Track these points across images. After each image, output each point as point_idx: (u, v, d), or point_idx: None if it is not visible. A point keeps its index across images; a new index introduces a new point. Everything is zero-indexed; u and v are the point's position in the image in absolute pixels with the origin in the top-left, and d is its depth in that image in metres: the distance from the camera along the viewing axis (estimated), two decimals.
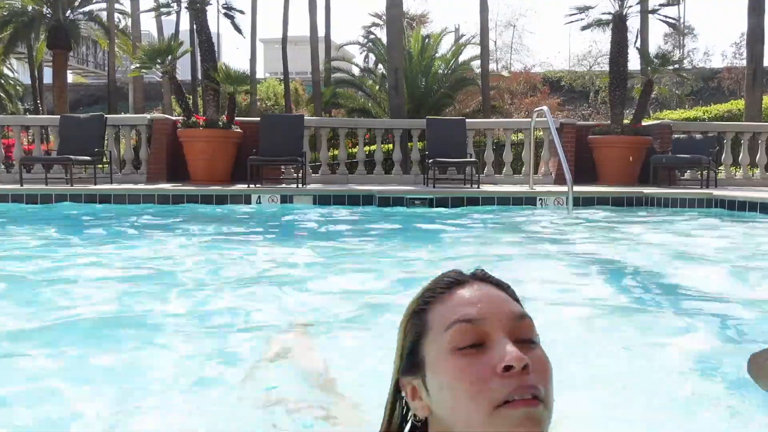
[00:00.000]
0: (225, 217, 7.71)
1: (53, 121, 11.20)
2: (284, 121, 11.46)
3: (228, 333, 2.86)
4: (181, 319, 3.05)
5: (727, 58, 33.83)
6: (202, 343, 2.73)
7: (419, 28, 25.53)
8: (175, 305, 3.33)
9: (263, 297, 3.57)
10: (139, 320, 3.08)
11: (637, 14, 12.90)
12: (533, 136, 10.55)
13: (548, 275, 4.25)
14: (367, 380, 2.15)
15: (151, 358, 2.56)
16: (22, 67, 30.35)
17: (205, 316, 3.15)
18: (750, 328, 3.08)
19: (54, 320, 3.03)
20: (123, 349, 2.63)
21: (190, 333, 2.86)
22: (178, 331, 2.87)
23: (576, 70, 32.83)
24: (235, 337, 2.80)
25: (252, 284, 3.89)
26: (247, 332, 2.86)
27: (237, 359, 2.49)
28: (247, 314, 3.20)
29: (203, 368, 2.42)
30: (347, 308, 3.24)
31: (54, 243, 5.56)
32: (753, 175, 11.69)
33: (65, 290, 3.62)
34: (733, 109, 19.92)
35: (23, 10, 20.65)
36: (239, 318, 3.14)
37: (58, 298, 3.44)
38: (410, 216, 7.84)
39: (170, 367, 2.44)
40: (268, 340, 2.54)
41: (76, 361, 2.48)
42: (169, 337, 2.80)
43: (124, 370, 2.38)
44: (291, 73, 24.71)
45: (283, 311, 3.25)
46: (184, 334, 2.84)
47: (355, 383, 2.12)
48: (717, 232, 6.65)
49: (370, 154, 12.78)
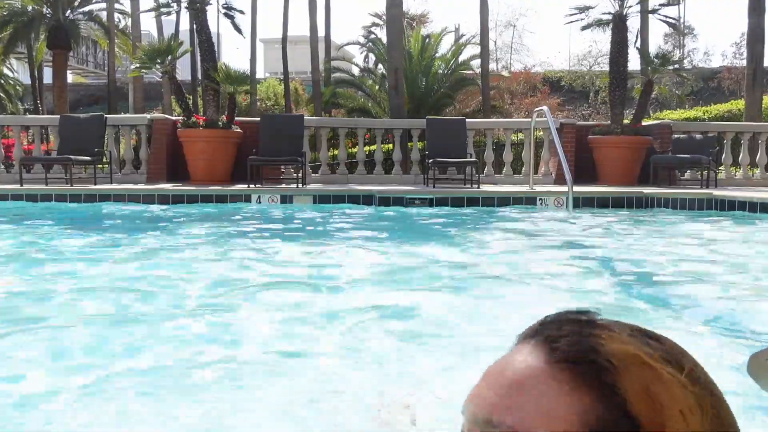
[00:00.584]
0: (224, 217, 7.70)
1: (53, 121, 11.20)
2: (284, 121, 11.46)
3: (228, 332, 2.86)
4: (181, 318, 3.05)
5: (727, 58, 33.84)
6: (200, 341, 2.73)
7: (419, 28, 25.53)
8: (175, 304, 3.32)
9: (263, 297, 3.57)
10: (136, 321, 3.08)
11: (637, 14, 12.90)
12: (533, 136, 10.55)
13: (548, 275, 4.25)
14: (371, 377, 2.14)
15: (149, 357, 2.56)
16: (22, 67, 30.34)
17: (197, 315, 3.15)
18: (750, 328, 3.08)
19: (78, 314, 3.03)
20: (119, 351, 2.63)
21: (191, 332, 2.86)
22: (178, 331, 2.88)
23: (576, 70, 32.83)
24: (234, 336, 2.80)
25: (251, 284, 3.89)
26: (247, 332, 2.86)
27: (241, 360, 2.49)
28: (246, 315, 3.20)
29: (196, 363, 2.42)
30: (347, 308, 3.24)
31: (91, 242, 5.56)
32: (753, 175, 11.69)
33: (80, 289, 3.62)
34: (733, 109, 19.92)
35: (23, 10, 20.65)
36: (239, 317, 3.14)
37: (80, 296, 3.44)
38: (410, 216, 7.84)
39: (171, 366, 2.44)
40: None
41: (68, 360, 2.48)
42: (171, 336, 2.80)
43: (123, 370, 2.38)
44: (291, 73, 24.72)
45: (283, 311, 3.25)
46: (181, 333, 2.84)
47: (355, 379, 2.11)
48: (717, 232, 6.65)
49: (370, 154, 12.78)
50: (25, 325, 2.99)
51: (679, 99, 26.49)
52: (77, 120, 10.75)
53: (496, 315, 3.19)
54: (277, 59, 26.45)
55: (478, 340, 2.73)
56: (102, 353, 2.57)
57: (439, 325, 3.02)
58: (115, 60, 24.18)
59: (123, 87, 26.67)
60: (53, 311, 3.20)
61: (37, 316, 3.13)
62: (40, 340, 2.76)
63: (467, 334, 2.89)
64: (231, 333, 2.87)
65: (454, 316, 3.18)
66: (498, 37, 41.06)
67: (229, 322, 3.04)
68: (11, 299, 3.51)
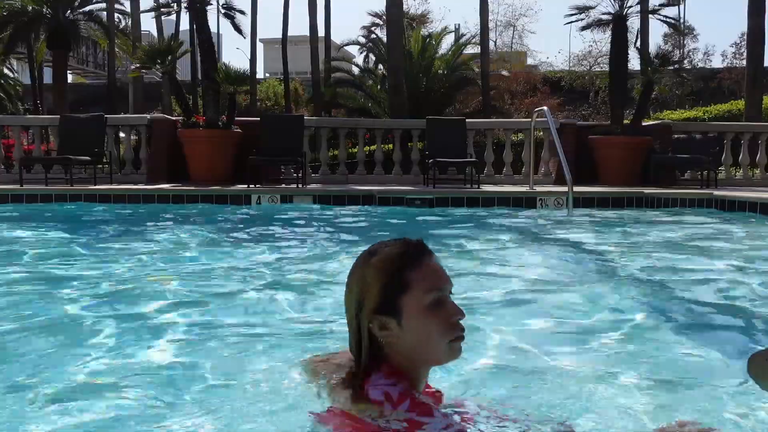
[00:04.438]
0: (223, 217, 7.70)
1: (53, 121, 11.20)
2: (284, 121, 11.46)
3: (228, 334, 2.86)
4: (180, 319, 3.05)
5: (727, 58, 33.91)
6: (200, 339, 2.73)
7: (419, 28, 25.54)
8: (173, 306, 3.32)
9: (262, 297, 3.57)
10: (135, 320, 3.07)
11: (637, 14, 12.92)
12: (533, 137, 10.55)
13: (548, 275, 4.25)
14: None
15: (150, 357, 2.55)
16: (22, 67, 30.36)
17: (204, 314, 3.15)
18: (750, 329, 3.08)
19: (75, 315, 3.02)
20: (120, 350, 2.63)
21: (188, 331, 2.86)
22: (178, 330, 2.87)
23: (576, 70, 32.83)
24: (235, 336, 2.80)
25: (252, 285, 3.89)
26: (248, 332, 2.85)
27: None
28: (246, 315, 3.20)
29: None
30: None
31: (83, 243, 5.56)
32: (753, 175, 11.69)
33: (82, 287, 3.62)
34: (733, 109, 19.92)
35: (23, 10, 20.62)
36: (238, 318, 3.13)
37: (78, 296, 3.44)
38: (409, 216, 7.84)
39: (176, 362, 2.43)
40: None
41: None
42: (172, 336, 2.80)
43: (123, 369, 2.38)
44: (291, 73, 24.73)
45: (283, 310, 3.25)
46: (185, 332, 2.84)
47: None
48: (717, 233, 6.65)
49: (370, 154, 12.78)
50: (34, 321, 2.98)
51: (679, 99, 26.50)
52: (77, 120, 10.75)
53: (495, 315, 3.19)
54: (277, 59, 26.47)
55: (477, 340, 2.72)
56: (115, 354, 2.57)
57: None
58: (115, 60, 24.19)
59: (123, 87, 26.67)
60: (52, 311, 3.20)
61: (36, 316, 3.14)
62: (47, 339, 2.76)
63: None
64: (232, 333, 2.86)
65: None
66: (498, 38, 41.13)
67: (229, 323, 3.03)
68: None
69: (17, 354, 2.58)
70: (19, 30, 20.88)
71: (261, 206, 8.48)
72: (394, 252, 1.51)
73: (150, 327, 2.94)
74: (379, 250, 1.54)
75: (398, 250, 1.52)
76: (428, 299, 1.47)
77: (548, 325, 3.06)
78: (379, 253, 1.53)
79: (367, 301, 1.50)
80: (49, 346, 2.68)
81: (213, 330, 2.90)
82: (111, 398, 2.10)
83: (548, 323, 3.08)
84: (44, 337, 2.80)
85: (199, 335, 2.83)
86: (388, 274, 1.49)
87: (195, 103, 20.88)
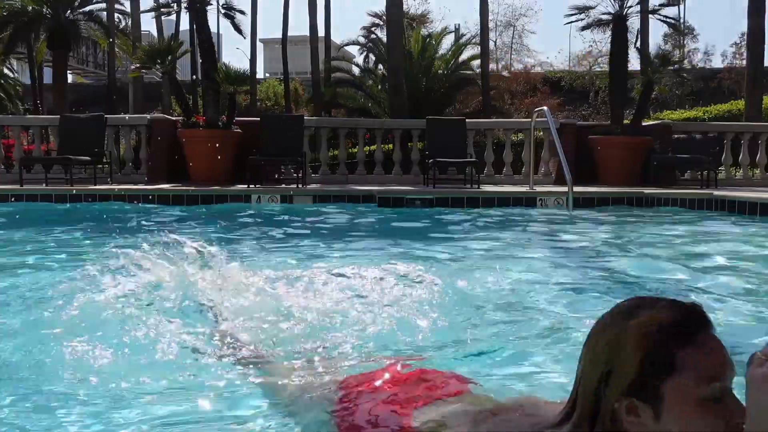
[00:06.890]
0: (223, 217, 7.70)
1: (53, 121, 11.21)
2: (284, 121, 11.47)
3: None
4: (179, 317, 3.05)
5: (727, 58, 33.91)
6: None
7: (419, 28, 25.56)
8: (174, 304, 3.32)
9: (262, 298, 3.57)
10: (135, 320, 3.07)
11: (637, 14, 12.92)
12: (533, 137, 10.55)
13: (548, 275, 4.25)
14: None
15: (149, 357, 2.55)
16: (22, 67, 30.36)
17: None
18: (750, 329, 3.08)
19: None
20: (120, 350, 2.63)
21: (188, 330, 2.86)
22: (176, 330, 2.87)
23: (576, 70, 32.84)
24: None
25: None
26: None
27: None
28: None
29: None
30: (346, 308, 3.24)
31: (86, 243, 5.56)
32: (753, 175, 11.69)
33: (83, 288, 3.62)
34: (733, 110, 19.92)
35: (23, 10, 20.63)
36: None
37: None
38: (409, 216, 7.83)
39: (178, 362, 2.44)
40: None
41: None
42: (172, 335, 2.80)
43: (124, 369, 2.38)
44: (291, 73, 24.74)
45: (283, 310, 3.25)
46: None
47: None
48: (717, 233, 6.65)
49: (370, 154, 12.79)
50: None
51: (679, 99, 26.51)
52: (77, 120, 10.76)
53: (495, 315, 3.19)
54: (277, 59, 26.47)
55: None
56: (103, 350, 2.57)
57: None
58: (115, 60, 24.21)
59: (123, 87, 26.67)
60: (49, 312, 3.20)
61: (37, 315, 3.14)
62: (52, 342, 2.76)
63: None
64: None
65: (452, 315, 3.17)
66: (498, 38, 41.11)
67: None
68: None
69: (17, 354, 2.58)
70: (19, 30, 20.89)
71: (261, 206, 8.48)
72: (662, 318, 1.16)
73: (150, 327, 2.94)
74: (641, 311, 1.19)
75: (667, 316, 1.16)
76: (703, 392, 1.12)
77: (548, 325, 3.06)
78: (641, 314, 1.19)
79: (617, 375, 1.18)
80: (48, 346, 2.68)
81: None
82: (143, 404, 2.10)
83: (548, 323, 3.08)
84: (44, 337, 2.80)
85: (198, 335, 2.83)
86: (651, 347, 1.15)
87: (195, 103, 20.86)
